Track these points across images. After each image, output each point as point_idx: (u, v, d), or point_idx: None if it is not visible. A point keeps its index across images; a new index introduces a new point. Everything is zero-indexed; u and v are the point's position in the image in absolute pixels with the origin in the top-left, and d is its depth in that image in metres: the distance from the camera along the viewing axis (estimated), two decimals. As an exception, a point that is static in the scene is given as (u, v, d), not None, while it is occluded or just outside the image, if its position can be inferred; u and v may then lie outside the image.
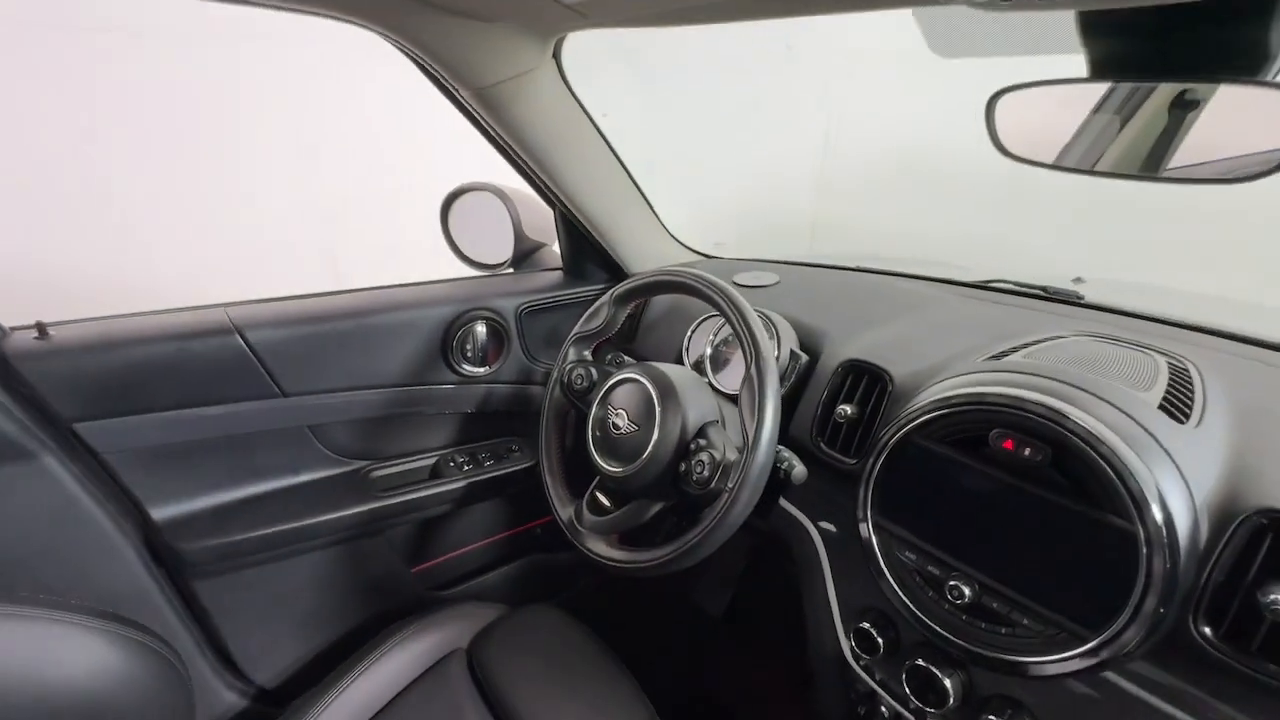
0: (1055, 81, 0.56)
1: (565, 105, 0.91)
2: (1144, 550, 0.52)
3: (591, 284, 1.17)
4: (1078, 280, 0.97)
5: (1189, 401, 0.62)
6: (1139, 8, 0.49)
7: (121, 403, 0.78)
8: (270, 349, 0.87)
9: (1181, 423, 0.59)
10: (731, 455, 0.73)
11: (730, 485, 0.70)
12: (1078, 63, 0.55)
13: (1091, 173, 0.57)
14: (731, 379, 0.92)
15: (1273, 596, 0.49)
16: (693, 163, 2.07)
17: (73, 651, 0.62)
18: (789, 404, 0.86)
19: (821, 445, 0.81)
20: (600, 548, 0.81)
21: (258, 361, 0.86)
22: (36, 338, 0.73)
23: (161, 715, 0.67)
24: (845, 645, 0.77)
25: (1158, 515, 0.52)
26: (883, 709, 0.76)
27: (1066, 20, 0.54)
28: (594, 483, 0.88)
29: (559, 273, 1.18)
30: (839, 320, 0.93)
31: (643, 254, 1.16)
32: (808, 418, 0.84)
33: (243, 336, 0.84)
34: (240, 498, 0.91)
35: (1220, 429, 0.59)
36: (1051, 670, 0.58)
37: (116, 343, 0.77)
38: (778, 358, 0.86)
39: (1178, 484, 0.54)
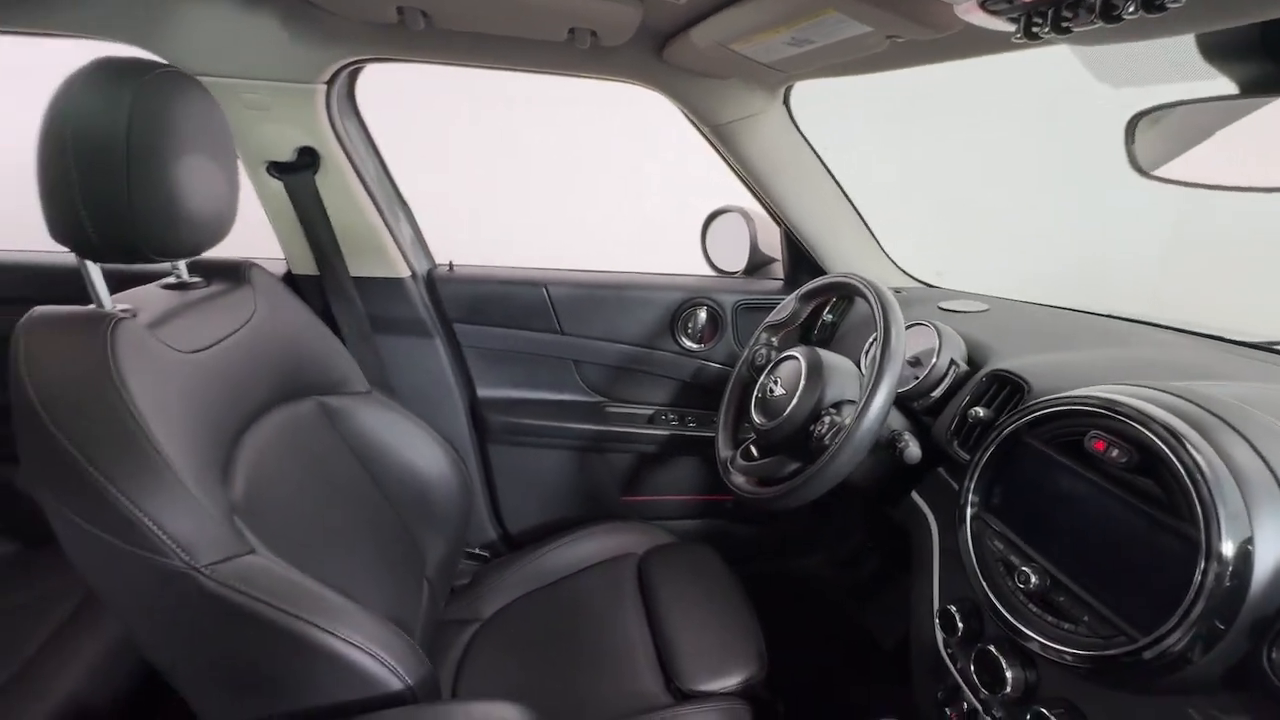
0: (1197, 101, 0.59)
1: (791, 141, 1.15)
2: (1201, 561, 0.52)
3: (802, 294, 1.35)
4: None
5: None
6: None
7: (476, 316, 1.28)
8: (559, 300, 1.29)
9: None
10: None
11: (837, 443, 0.83)
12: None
13: (1234, 188, 0.57)
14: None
15: None
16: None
17: (422, 445, 1.07)
18: (938, 406, 0.93)
19: (955, 444, 0.86)
20: (738, 481, 1.00)
21: (550, 306, 1.29)
22: (448, 271, 1.28)
23: (461, 505, 1.09)
24: (935, 627, 0.82)
25: (1224, 529, 0.51)
26: (964, 703, 0.78)
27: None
28: (750, 438, 1.07)
29: (779, 282, 1.39)
30: (1017, 343, 0.94)
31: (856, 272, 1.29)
32: (949, 419, 0.90)
33: (545, 289, 1.29)
34: (524, 397, 1.36)
35: None
36: (1096, 663, 0.58)
37: (480, 281, 1.28)
38: (935, 364, 0.94)
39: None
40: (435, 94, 2.00)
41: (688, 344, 1.35)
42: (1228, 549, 0.51)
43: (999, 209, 2.26)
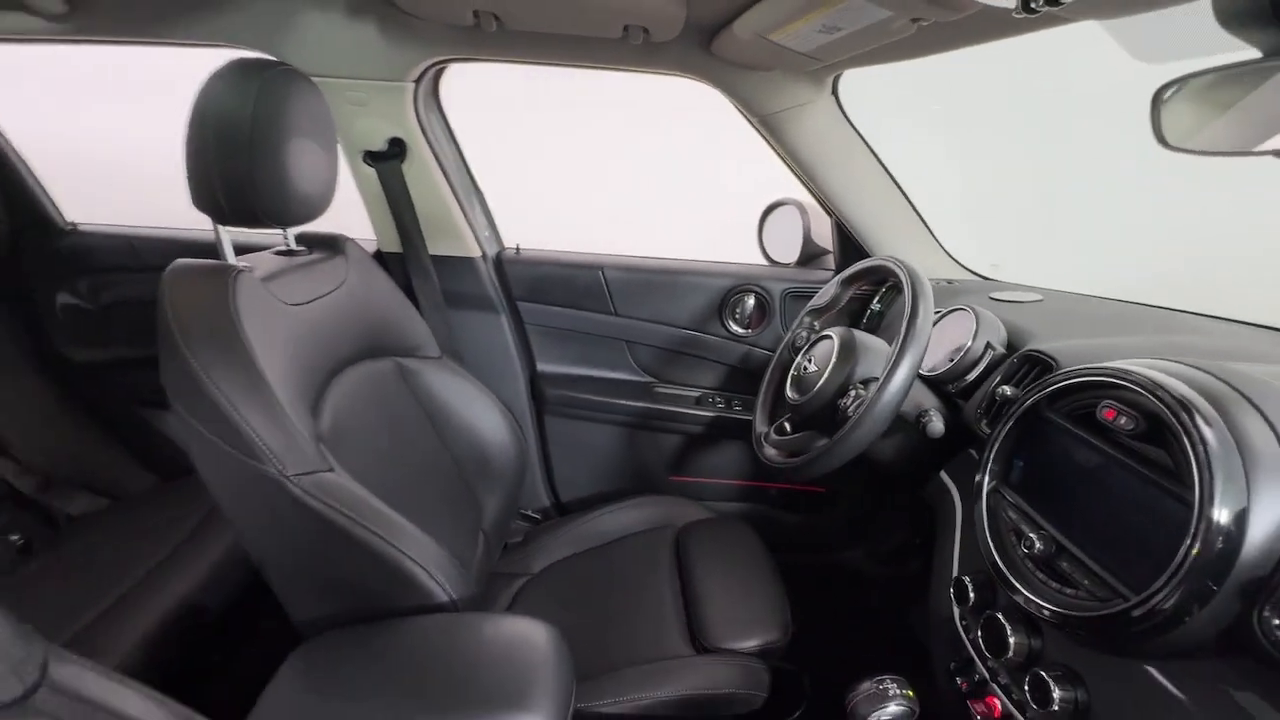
0: (1219, 69, 0.59)
1: (841, 131, 1.18)
2: (1194, 524, 0.53)
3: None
4: None
5: None
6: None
7: (538, 295, 1.39)
8: (614, 283, 1.38)
9: None
10: None
11: (859, 414, 0.86)
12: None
13: (1251, 153, 0.56)
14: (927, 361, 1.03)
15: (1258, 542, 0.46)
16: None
17: (485, 409, 1.17)
18: (973, 388, 0.93)
19: (982, 423, 0.87)
20: (770, 454, 1.04)
21: (606, 289, 1.38)
22: (514, 253, 1.40)
23: (517, 467, 1.18)
24: (951, 598, 0.83)
25: (1218, 495, 0.52)
26: (975, 674, 0.79)
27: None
28: (786, 415, 1.11)
29: (829, 273, 1.41)
30: (1060, 328, 0.94)
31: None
32: (980, 399, 0.90)
33: (602, 272, 1.38)
34: (580, 373, 1.45)
35: None
36: (1092, 624, 0.59)
37: (543, 263, 1.39)
38: (970, 347, 0.95)
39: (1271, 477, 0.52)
40: (519, 97, 2.16)
41: (735, 329, 1.40)
42: (1222, 515, 0.51)
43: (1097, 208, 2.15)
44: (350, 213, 1.18)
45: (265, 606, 0.87)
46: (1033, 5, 0.53)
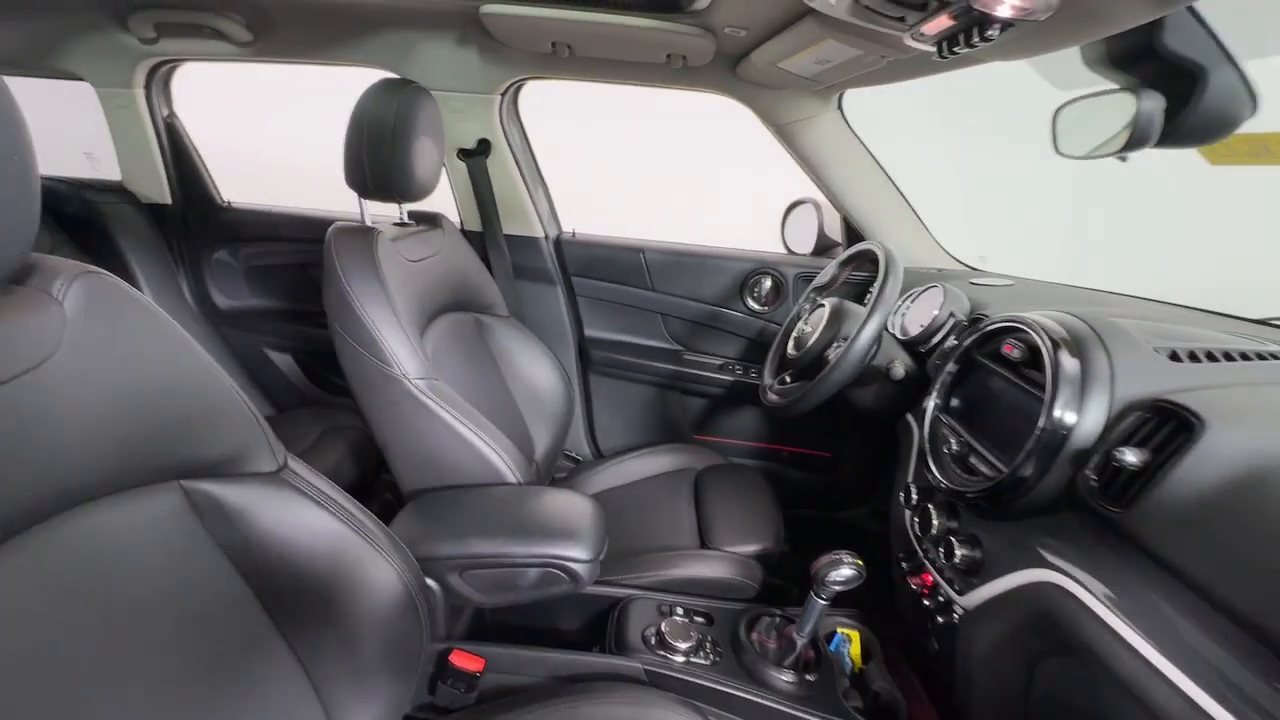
0: (1099, 94, 0.81)
1: (845, 139, 1.41)
2: (1042, 419, 0.75)
3: (855, 270, 1.59)
4: None
5: (1200, 357, 0.75)
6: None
7: (589, 272, 1.67)
8: (653, 264, 1.64)
9: (1176, 361, 0.75)
10: None
11: (836, 359, 1.10)
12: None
13: (1117, 155, 0.78)
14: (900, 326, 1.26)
15: (1122, 454, 0.67)
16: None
17: (541, 363, 1.45)
18: (940, 347, 1.16)
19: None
20: (770, 397, 1.28)
21: (645, 268, 1.65)
22: (571, 236, 1.68)
23: (565, 413, 1.45)
24: (901, 502, 1.06)
25: (1065, 409, 0.74)
26: (915, 558, 1.02)
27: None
28: (789, 372, 1.35)
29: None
30: (1014, 303, 1.15)
31: (904, 256, 1.51)
32: (938, 353, 1.13)
33: (643, 254, 1.64)
34: (621, 339, 1.72)
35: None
36: (980, 496, 0.82)
37: (594, 245, 1.67)
38: (936, 315, 1.17)
39: (1102, 394, 0.74)
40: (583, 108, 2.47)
41: (754, 306, 1.64)
42: (1062, 413, 0.74)
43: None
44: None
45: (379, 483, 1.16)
46: (944, 53, 0.77)
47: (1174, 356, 0.76)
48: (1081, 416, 0.74)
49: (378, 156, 1.05)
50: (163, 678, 0.52)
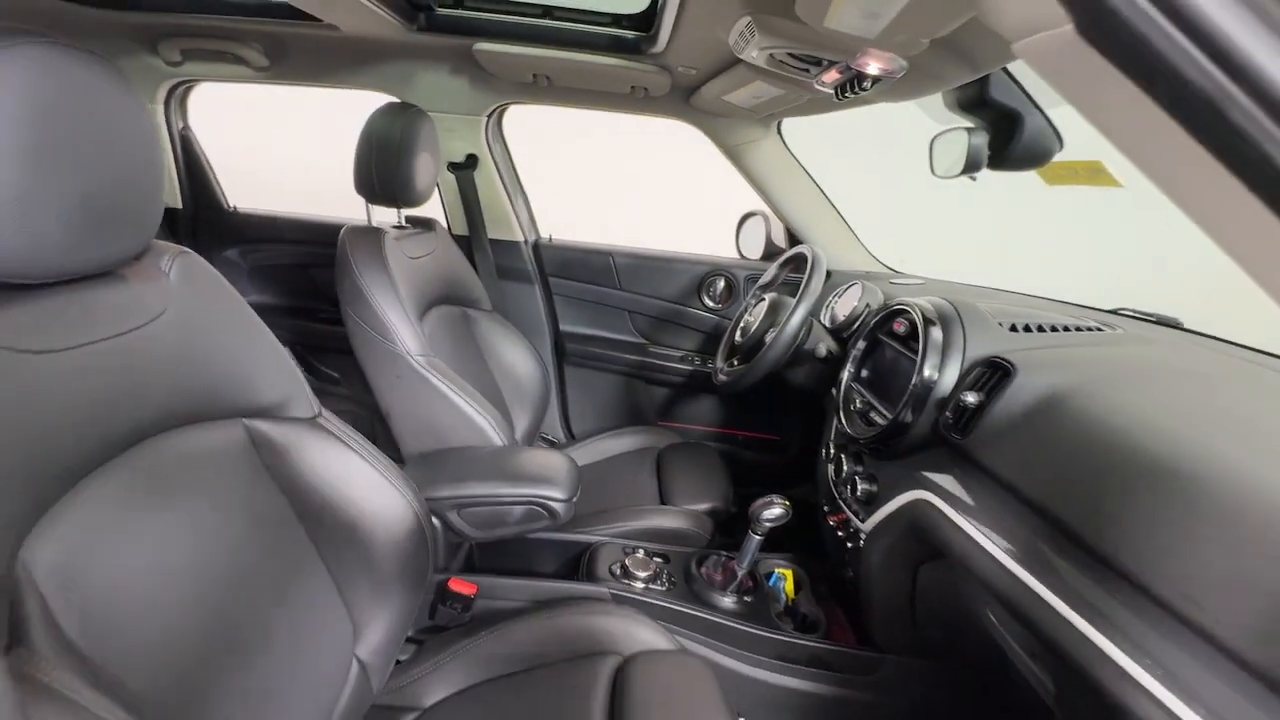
0: (949, 130, 1.06)
1: (784, 160, 1.66)
2: (914, 376, 0.99)
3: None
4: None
5: (1031, 329, 0.99)
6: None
7: (564, 273, 1.88)
8: (621, 266, 1.86)
9: (1014, 331, 0.99)
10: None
11: (769, 341, 1.32)
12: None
13: (968, 175, 1.03)
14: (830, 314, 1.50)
15: (965, 396, 0.90)
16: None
17: (521, 352, 1.65)
18: (853, 334, 1.39)
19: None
20: (720, 378, 1.50)
21: (614, 270, 1.86)
22: (548, 241, 1.89)
23: (542, 397, 1.65)
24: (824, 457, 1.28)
25: (930, 367, 0.97)
26: (833, 500, 1.24)
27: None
28: (736, 355, 1.57)
29: (783, 264, 1.88)
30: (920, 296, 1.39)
31: (836, 259, 1.76)
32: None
33: (612, 258, 1.86)
34: (592, 334, 1.93)
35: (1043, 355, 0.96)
36: (873, 440, 1.05)
37: (569, 249, 1.88)
38: (855, 306, 1.41)
39: (957, 355, 0.97)
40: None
41: (709, 304, 1.87)
42: (929, 372, 0.97)
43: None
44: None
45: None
46: (840, 96, 1.01)
47: (1013, 329, 1.01)
48: (942, 373, 0.97)
49: (384, 168, 1.25)
50: (237, 567, 0.66)
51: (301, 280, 1.91)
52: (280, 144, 2.67)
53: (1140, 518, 0.63)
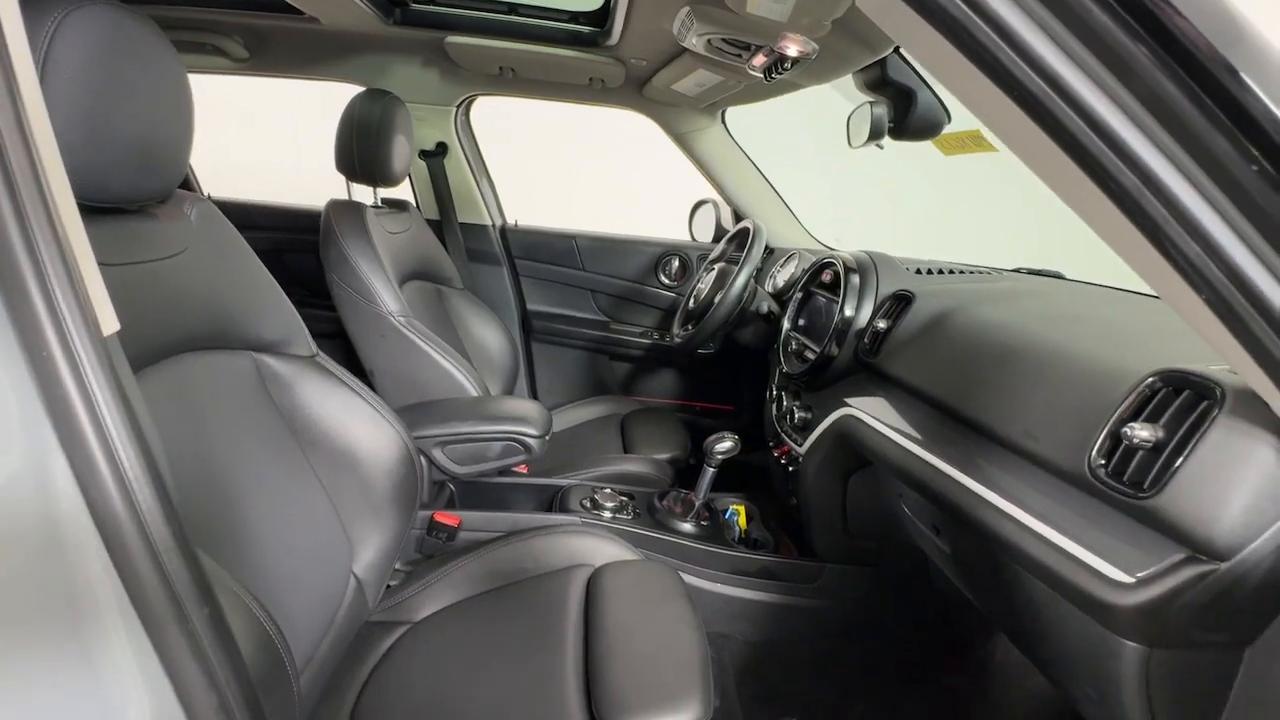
0: (861, 105, 1.25)
1: (728, 146, 1.84)
2: (836, 315, 1.16)
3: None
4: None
5: (933, 272, 1.18)
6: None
7: (530, 255, 2.01)
8: (583, 248, 2.01)
9: (918, 274, 1.18)
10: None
11: (716, 303, 1.49)
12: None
13: (876, 145, 1.22)
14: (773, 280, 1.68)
15: (876, 323, 1.08)
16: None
17: (491, 328, 1.78)
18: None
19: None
20: (674, 341, 1.66)
21: (577, 252, 2.01)
22: (514, 225, 2.02)
23: (511, 369, 1.78)
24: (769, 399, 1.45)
25: (849, 306, 1.15)
26: (777, 435, 1.40)
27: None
28: (691, 320, 1.73)
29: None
30: None
31: (778, 237, 1.95)
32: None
33: (575, 241, 2.00)
34: (558, 312, 2.06)
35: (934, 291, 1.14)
36: (805, 373, 1.22)
37: (534, 233, 2.01)
38: (793, 271, 1.59)
39: (871, 294, 1.16)
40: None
41: (665, 282, 2.03)
42: (849, 312, 1.15)
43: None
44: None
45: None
46: (769, 78, 1.18)
47: (918, 272, 1.19)
48: (859, 310, 1.15)
49: (364, 148, 1.37)
50: (246, 479, 0.74)
51: (276, 266, 1.97)
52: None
53: (999, 388, 0.81)
